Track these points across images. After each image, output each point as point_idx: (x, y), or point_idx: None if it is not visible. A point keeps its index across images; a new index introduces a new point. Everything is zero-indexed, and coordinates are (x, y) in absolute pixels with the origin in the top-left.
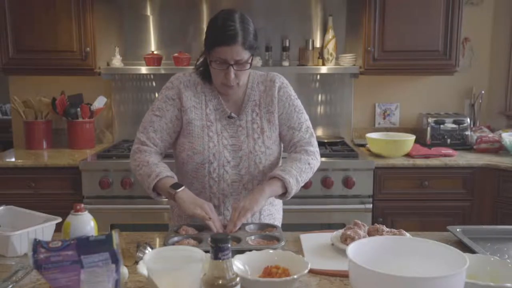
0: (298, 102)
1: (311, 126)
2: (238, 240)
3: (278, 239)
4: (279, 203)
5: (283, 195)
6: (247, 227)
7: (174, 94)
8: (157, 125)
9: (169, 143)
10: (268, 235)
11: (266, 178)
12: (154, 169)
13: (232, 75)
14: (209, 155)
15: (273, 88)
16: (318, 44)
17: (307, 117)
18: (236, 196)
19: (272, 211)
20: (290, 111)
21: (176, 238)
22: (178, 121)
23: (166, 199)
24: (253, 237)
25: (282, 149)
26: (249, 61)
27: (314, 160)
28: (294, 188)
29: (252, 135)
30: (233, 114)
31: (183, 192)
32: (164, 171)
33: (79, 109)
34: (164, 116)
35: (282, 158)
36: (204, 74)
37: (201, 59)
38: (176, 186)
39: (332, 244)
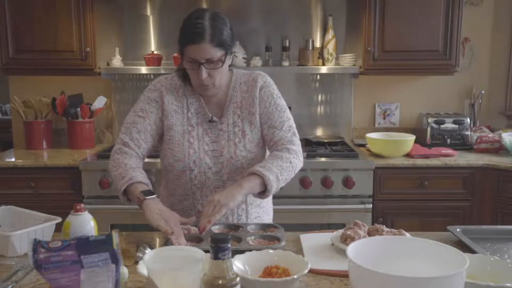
0: (281, 101)
1: (294, 126)
2: (238, 240)
3: (278, 239)
4: (267, 204)
5: (262, 193)
6: (248, 227)
7: (157, 97)
8: (140, 126)
9: (152, 146)
10: (269, 235)
11: (245, 174)
12: (130, 173)
13: (204, 75)
14: (189, 162)
15: (255, 88)
16: (318, 44)
17: (290, 116)
18: None
19: (260, 213)
20: (271, 110)
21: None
22: (161, 124)
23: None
24: (253, 237)
25: (266, 151)
26: (222, 59)
27: (296, 159)
28: (274, 186)
29: (233, 139)
30: (214, 118)
31: (151, 201)
32: (139, 176)
33: (79, 109)
34: (147, 117)
35: None
36: (185, 76)
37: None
38: (147, 193)
39: (332, 244)
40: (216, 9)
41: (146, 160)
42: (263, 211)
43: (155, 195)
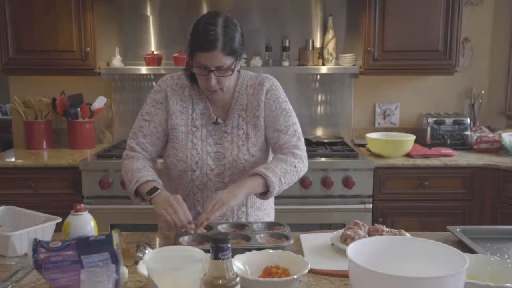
0: (287, 105)
1: (300, 130)
2: (247, 238)
3: (287, 237)
4: (268, 206)
5: (264, 194)
6: (255, 226)
7: (162, 98)
8: (146, 130)
9: (160, 147)
10: (277, 233)
11: (249, 173)
12: (136, 175)
13: (213, 81)
14: (191, 164)
15: (261, 91)
16: (318, 44)
17: (296, 120)
18: None
19: (260, 215)
20: (276, 114)
21: (186, 238)
22: (167, 125)
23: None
24: (262, 235)
25: (269, 154)
26: (232, 67)
27: (301, 164)
28: (277, 188)
29: (236, 142)
30: (219, 120)
31: (156, 197)
32: (145, 176)
33: (79, 109)
34: (153, 121)
35: None
36: (192, 77)
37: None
38: (151, 191)
39: (332, 244)
40: (228, 14)
41: None
42: (264, 214)
43: (159, 190)
